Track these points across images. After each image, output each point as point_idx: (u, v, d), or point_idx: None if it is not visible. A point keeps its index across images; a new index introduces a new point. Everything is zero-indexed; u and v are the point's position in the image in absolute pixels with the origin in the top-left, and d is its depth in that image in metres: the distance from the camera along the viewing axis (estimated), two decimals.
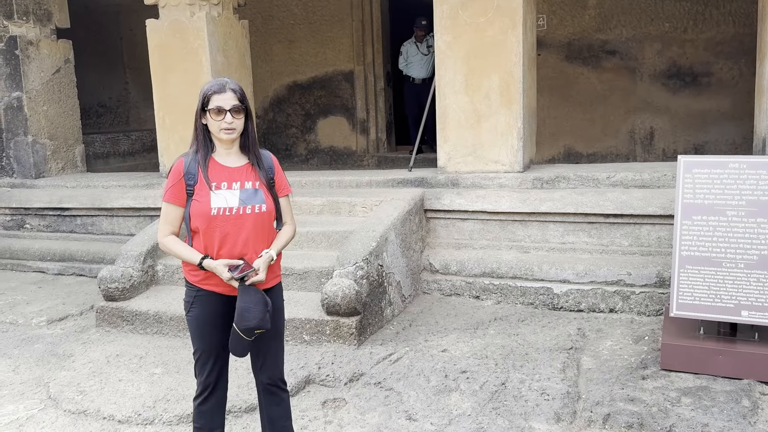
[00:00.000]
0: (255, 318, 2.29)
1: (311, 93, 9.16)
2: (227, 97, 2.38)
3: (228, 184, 2.41)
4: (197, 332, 2.48)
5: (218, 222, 2.37)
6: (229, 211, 2.38)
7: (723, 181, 3.46)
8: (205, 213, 2.37)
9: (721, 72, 7.39)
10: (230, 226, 2.38)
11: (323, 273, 4.45)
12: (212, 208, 2.37)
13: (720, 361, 3.33)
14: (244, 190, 2.42)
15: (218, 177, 2.42)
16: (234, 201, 2.39)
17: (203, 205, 2.38)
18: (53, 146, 6.95)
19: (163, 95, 5.86)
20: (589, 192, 4.75)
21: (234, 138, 2.43)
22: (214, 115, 2.38)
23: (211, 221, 2.37)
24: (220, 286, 2.42)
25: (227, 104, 2.37)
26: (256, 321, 2.29)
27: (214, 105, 2.37)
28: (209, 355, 2.49)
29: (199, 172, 2.41)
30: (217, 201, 2.38)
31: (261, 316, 2.29)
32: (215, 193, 2.39)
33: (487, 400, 3.22)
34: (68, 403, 3.43)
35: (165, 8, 5.72)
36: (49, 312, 4.99)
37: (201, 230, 2.39)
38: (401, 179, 5.36)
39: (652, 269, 4.32)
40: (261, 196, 2.43)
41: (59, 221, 6.40)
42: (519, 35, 4.80)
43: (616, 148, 7.94)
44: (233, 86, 2.41)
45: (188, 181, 2.41)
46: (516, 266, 4.65)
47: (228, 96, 2.38)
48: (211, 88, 2.40)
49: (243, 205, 2.39)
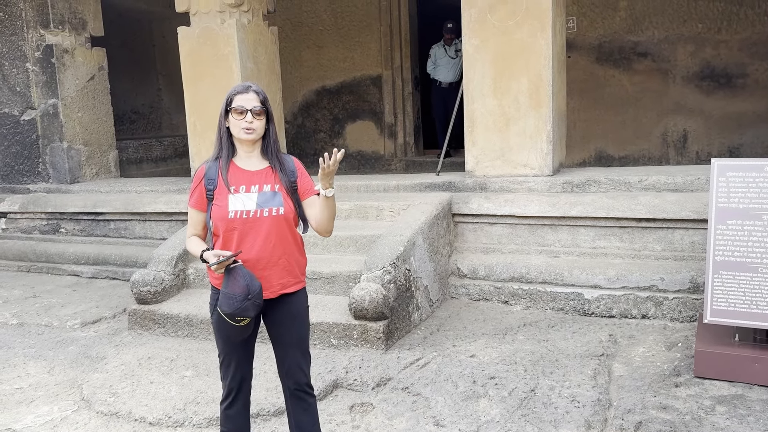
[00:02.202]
0: (233, 306, 2.30)
1: (339, 98, 9.20)
2: (249, 98, 2.42)
3: (246, 188, 2.44)
4: (220, 335, 2.51)
5: (236, 225, 2.40)
6: (246, 213, 2.40)
7: (759, 185, 3.38)
8: (223, 216, 2.41)
9: (756, 73, 7.23)
10: (248, 228, 2.40)
11: (351, 277, 4.45)
12: (230, 212, 2.40)
13: (756, 369, 3.24)
14: (262, 193, 2.43)
15: (237, 180, 2.45)
16: (251, 204, 2.41)
17: (222, 209, 2.42)
18: (87, 152, 7.10)
19: (194, 101, 5.94)
20: (620, 196, 4.68)
21: (253, 139, 2.45)
22: (236, 114, 2.42)
23: (228, 224, 2.40)
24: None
25: (249, 104, 2.41)
26: (233, 309, 2.30)
27: (236, 105, 2.42)
28: (231, 358, 2.51)
29: (219, 176, 2.46)
30: (235, 204, 2.41)
31: (239, 305, 2.30)
32: (234, 197, 2.42)
33: (516, 407, 3.19)
34: (101, 405, 3.49)
35: (196, 16, 5.81)
36: (83, 315, 5.09)
37: (221, 233, 2.43)
38: (429, 183, 5.35)
39: (686, 274, 4.23)
40: (279, 199, 2.44)
41: (93, 225, 6.53)
42: (548, 38, 4.76)
43: (648, 151, 7.81)
44: (256, 89, 2.46)
45: (208, 186, 2.46)
46: (545, 271, 4.60)
47: (250, 96, 2.43)
48: (235, 90, 2.46)
49: (260, 208, 2.41)
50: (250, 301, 2.32)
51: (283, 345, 2.52)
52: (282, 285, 2.47)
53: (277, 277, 2.46)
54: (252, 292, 2.32)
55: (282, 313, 2.51)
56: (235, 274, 2.33)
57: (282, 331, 2.52)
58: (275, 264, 2.44)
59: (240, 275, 2.33)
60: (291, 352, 2.53)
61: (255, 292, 2.33)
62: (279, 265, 2.45)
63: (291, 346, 2.52)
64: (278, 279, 2.46)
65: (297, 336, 2.52)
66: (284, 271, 2.47)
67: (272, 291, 2.45)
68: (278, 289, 2.47)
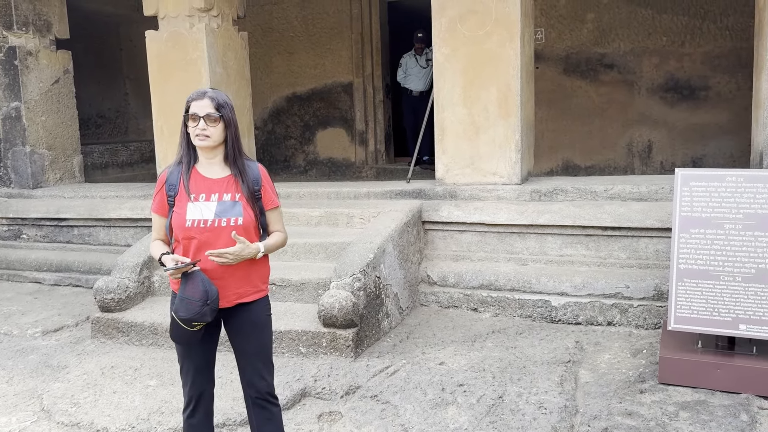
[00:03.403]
0: (192, 311, 2.27)
1: (310, 104, 9.18)
2: (203, 104, 2.38)
3: (206, 196, 2.41)
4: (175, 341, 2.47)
5: (193, 234, 2.37)
6: (203, 223, 2.37)
7: (720, 195, 3.46)
8: (181, 224, 2.38)
9: (718, 86, 7.42)
10: (205, 238, 2.37)
11: (320, 284, 4.43)
12: (187, 220, 2.37)
13: (718, 375, 3.31)
14: (221, 202, 2.40)
15: (198, 188, 2.42)
16: (209, 214, 2.38)
17: (180, 216, 2.39)
18: (51, 156, 6.95)
19: (161, 106, 5.87)
20: (587, 205, 4.75)
21: (208, 145, 2.41)
22: (190, 121, 2.39)
23: (186, 233, 2.38)
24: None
25: (202, 111, 2.37)
26: (191, 314, 2.27)
27: (191, 111, 2.39)
28: (191, 366, 2.48)
29: (180, 182, 2.42)
30: (193, 213, 2.38)
31: (198, 311, 2.27)
32: (192, 205, 2.38)
33: (484, 414, 3.19)
34: (61, 415, 3.40)
35: (164, 20, 5.74)
36: (45, 323, 4.96)
37: (179, 240, 2.41)
38: (399, 191, 5.36)
39: (650, 282, 4.31)
40: (239, 209, 2.40)
41: (56, 231, 6.39)
42: (517, 48, 4.82)
43: (614, 161, 7.95)
44: (212, 95, 2.42)
45: (169, 192, 2.43)
46: (514, 278, 4.64)
47: (205, 103, 2.39)
48: (191, 96, 2.43)
49: (218, 218, 2.38)
50: (208, 306, 2.29)
51: (244, 354, 2.49)
52: (238, 295, 2.44)
53: (234, 286, 2.42)
54: (210, 298, 2.29)
55: (241, 321, 2.47)
56: (194, 279, 2.30)
57: (241, 340, 2.49)
58: (232, 274, 2.40)
59: (199, 280, 2.30)
60: (251, 361, 2.49)
61: (213, 297, 2.30)
62: (236, 276, 2.41)
63: (251, 355, 2.49)
64: (235, 289, 2.43)
65: (257, 345, 2.49)
66: (242, 281, 2.43)
67: (228, 300, 2.42)
68: (234, 299, 2.43)
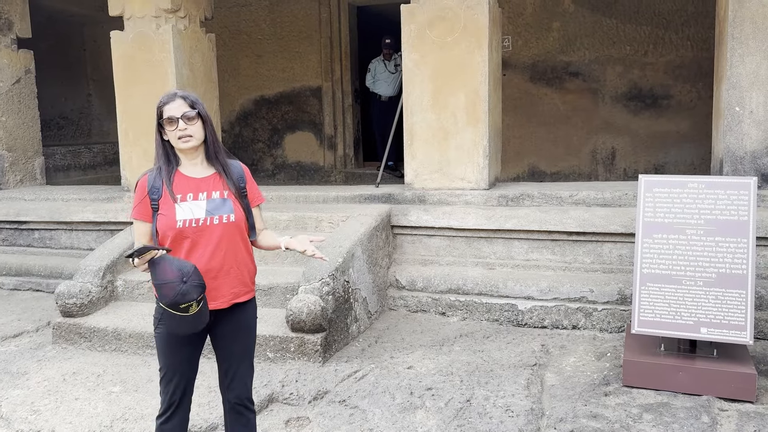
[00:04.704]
0: (172, 291, 2.19)
1: (278, 108, 9.13)
2: (177, 105, 2.35)
3: (194, 195, 2.37)
4: (164, 349, 2.42)
5: (187, 234, 2.33)
6: (196, 222, 2.33)
7: (682, 201, 3.55)
8: (171, 226, 2.33)
9: (680, 94, 7.61)
10: (198, 237, 2.33)
11: (288, 289, 4.40)
12: (178, 221, 2.32)
13: (680, 378, 3.38)
14: (211, 200, 2.37)
15: (183, 189, 2.38)
16: (200, 212, 2.34)
17: (169, 218, 2.33)
18: (11, 158, 6.78)
19: (126, 108, 5.77)
20: (552, 210, 4.82)
21: (193, 145, 2.38)
22: (168, 126, 2.35)
23: (178, 233, 2.33)
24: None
25: (178, 112, 2.34)
26: (173, 294, 2.19)
27: (166, 116, 2.35)
28: (174, 373, 2.43)
29: (163, 185, 2.37)
30: (183, 213, 2.33)
31: (178, 289, 2.19)
32: (180, 206, 2.34)
33: (452, 418, 3.21)
34: (21, 423, 3.31)
35: (130, 20, 5.65)
36: (3, 328, 4.82)
37: (169, 242, 2.35)
38: (368, 195, 5.36)
39: (614, 286, 4.38)
40: (230, 206, 2.39)
41: (16, 235, 6.23)
42: (485, 55, 4.87)
43: (578, 168, 8.08)
44: (183, 94, 2.39)
45: (152, 196, 2.37)
46: (481, 283, 4.67)
47: (178, 104, 2.35)
48: (161, 101, 2.38)
49: (210, 216, 2.35)
50: (186, 283, 2.20)
51: (230, 357, 2.45)
52: (234, 294, 2.41)
53: (229, 286, 2.39)
54: (186, 274, 2.21)
55: (232, 323, 2.44)
56: (162, 262, 2.22)
57: (229, 343, 2.45)
58: (227, 273, 2.38)
59: (167, 262, 2.22)
60: (237, 364, 2.46)
61: (189, 272, 2.22)
62: (231, 274, 2.39)
63: (238, 358, 2.45)
64: (230, 288, 2.39)
65: (245, 347, 2.46)
66: (236, 280, 2.41)
67: (224, 300, 2.38)
68: (230, 299, 2.40)
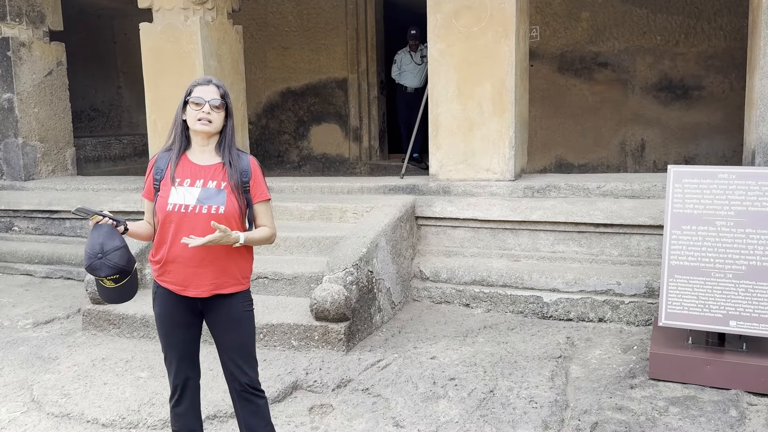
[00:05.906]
0: (86, 261, 2.28)
1: (304, 100, 9.17)
2: (209, 90, 2.39)
3: (191, 182, 2.38)
4: (159, 330, 2.47)
5: (173, 218, 2.35)
6: (184, 208, 2.34)
7: (712, 192, 3.48)
8: (162, 208, 2.36)
9: (712, 85, 7.45)
10: (183, 223, 2.34)
11: (313, 278, 4.43)
12: (169, 204, 2.35)
13: (708, 371, 3.33)
14: (205, 189, 2.37)
15: (184, 174, 2.40)
16: (191, 199, 2.35)
17: (163, 200, 2.37)
18: (44, 148, 6.91)
19: (155, 99, 5.85)
20: (579, 201, 4.76)
21: (209, 131, 2.39)
22: (193, 106, 2.37)
23: (166, 216, 2.35)
24: (171, 284, 2.40)
25: (208, 96, 2.37)
26: (86, 264, 2.28)
27: (194, 96, 2.38)
28: (174, 355, 2.46)
29: (167, 167, 2.40)
30: (176, 197, 2.35)
31: (89, 262, 2.27)
32: (175, 189, 2.36)
33: (474, 408, 3.20)
34: (52, 406, 3.39)
35: (159, 12, 5.72)
36: (36, 315, 4.94)
37: (159, 224, 2.39)
38: (393, 186, 5.36)
39: (642, 279, 4.32)
40: (222, 198, 2.36)
41: (48, 224, 6.36)
42: (512, 44, 4.83)
43: (607, 160, 7.97)
44: (217, 82, 2.43)
45: (156, 176, 2.42)
46: (506, 274, 4.65)
47: (210, 89, 2.39)
48: (196, 82, 2.43)
49: (199, 204, 2.34)
50: (100, 260, 2.26)
51: (223, 348, 2.47)
52: (215, 285, 2.39)
53: (211, 276, 2.38)
54: (105, 253, 2.27)
55: (219, 316, 2.44)
56: (96, 231, 2.30)
57: (220, 334, 2.47)
58: (210, 263, 2.37)
59: (98, 233, 2.29)
60: (230, 355, 2.46)
61: (109, 251, 2.27)
62: (214, 265, 2.37)
63: (229, 350, 2.46)
64: (211, 278, 2.38)
65: (236, 341, 2.45)
66: (219, 271, 2.39)
67: (203, 290, 2.38)
68: (211, 289, 2.39)
